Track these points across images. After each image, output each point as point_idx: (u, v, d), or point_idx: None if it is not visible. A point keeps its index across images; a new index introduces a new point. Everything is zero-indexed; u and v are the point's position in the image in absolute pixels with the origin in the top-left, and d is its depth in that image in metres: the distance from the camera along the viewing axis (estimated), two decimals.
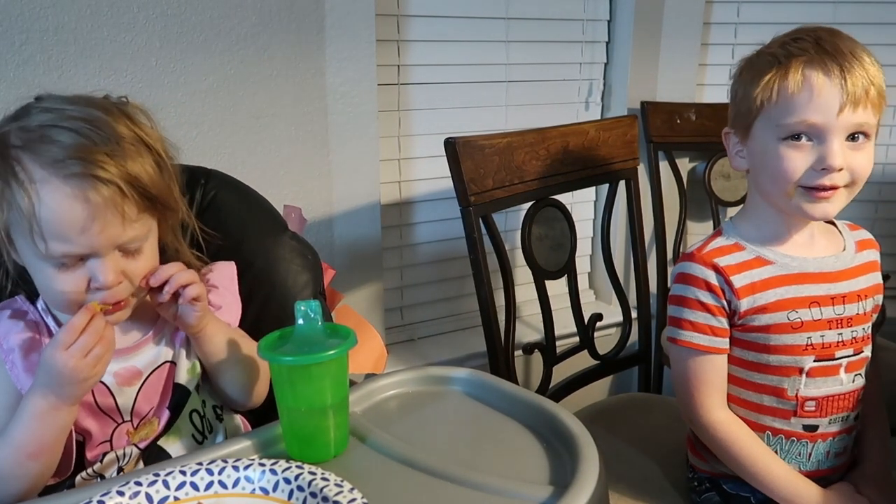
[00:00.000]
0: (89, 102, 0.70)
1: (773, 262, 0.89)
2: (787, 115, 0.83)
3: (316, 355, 0.65)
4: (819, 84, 0.81)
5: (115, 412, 0.75)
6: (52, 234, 0.65)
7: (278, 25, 1.22)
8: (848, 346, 0.89)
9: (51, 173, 0.65)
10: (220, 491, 0.60)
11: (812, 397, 0.89)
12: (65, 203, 0.65)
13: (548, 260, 1.24)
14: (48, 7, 1.06)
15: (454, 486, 0.63)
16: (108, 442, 0.75)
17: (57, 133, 0.66)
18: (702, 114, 1.60)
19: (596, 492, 0.60)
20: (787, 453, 0.92)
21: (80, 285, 0.69)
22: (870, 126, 0.83)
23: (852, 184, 0.84)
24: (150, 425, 0.77)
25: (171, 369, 0.79)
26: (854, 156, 0.83)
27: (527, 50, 1.53)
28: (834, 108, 0.81)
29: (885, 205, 1.73)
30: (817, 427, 0.91)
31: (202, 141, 1.21)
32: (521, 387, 0.79)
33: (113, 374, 0.74)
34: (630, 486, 1.03)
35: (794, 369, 0.89)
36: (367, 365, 1.04)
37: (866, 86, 0.81)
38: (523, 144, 1.18)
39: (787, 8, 1.63)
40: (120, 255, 0.70)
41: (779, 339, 0.88)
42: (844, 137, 0.82)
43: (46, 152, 0.65)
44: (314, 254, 0.99)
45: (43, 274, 0.69)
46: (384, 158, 1.42)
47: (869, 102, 0.81)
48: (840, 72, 0.81)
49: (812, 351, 0.88)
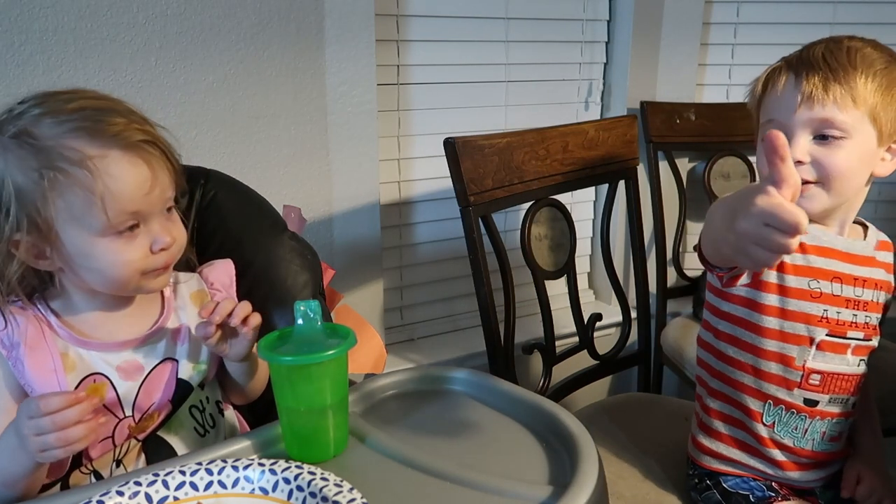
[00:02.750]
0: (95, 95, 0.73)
1: (807, 233, 0.91)
2: (764, 114, 0.91)
3: (315, 355, 0.65)
4: (780, 84, 0.88)
5: (116, 407, 0.76)
6: (118, 202, 0.68)
7: (278, 25, 1.22)
8: (860, 328, 0.92)
9: (107, 146, 0.68)
10: (219, 491, 0.60)
11: (818, 370, 0.91)
12: (132, 170, 0.69)
13: (547, 260, 1.25)
14: (48, 7, 1.06)
15: (454, 486, 0.63)
16: (109, 438, 0.76)
17: (97, 113, 0.69)
18: (701, 114, 1.60)
19: (595, 491, 0.60)
20: (785, 425, 0.93)
21: (144, 251, 0.72)
22: (839, 123, 0.84)
23: (827, 180, 0.86)
24: (151, 418, 0.78)
25: (173, 366, 0.79)
26: (824, 153, 0.85)
27: (526, 50, 1.53)
28: (791, 106, 0.86)
29: (884, 205, 1.74)
30: (817, 403, 0.92)
31: (202, 141, 1.21)
32: (521, 387, 0.79)
33: (115, 368, 0.75)
34: (629, 485, 1.03)
35: (805, 339, 0.90)
36: (366, 365, 1.04)
37: (827, 85, 0.84)
38: (523, 144, 1.18)
39: (786, 8, 1.63)
40: (165, 217, 0.74)
41: (797, 305, 0.90)
42: (810, 135, 0.86)
43: (99, 129, 0.68)
44: (314, 254, 0.99)
45: (103, 250, 0.70)
46: (384, 158, 1.42)
47: (829, 100, 0.84)
48: (804, 73, 0.86)
49: (826, 324, 0.90)
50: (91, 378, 0.74)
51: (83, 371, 0.74)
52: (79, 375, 0.73)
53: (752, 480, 0.96)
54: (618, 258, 1.66)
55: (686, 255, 1.71)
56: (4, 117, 0.70)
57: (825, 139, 0.85)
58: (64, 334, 0.74)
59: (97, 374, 0.74)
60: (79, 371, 0.74)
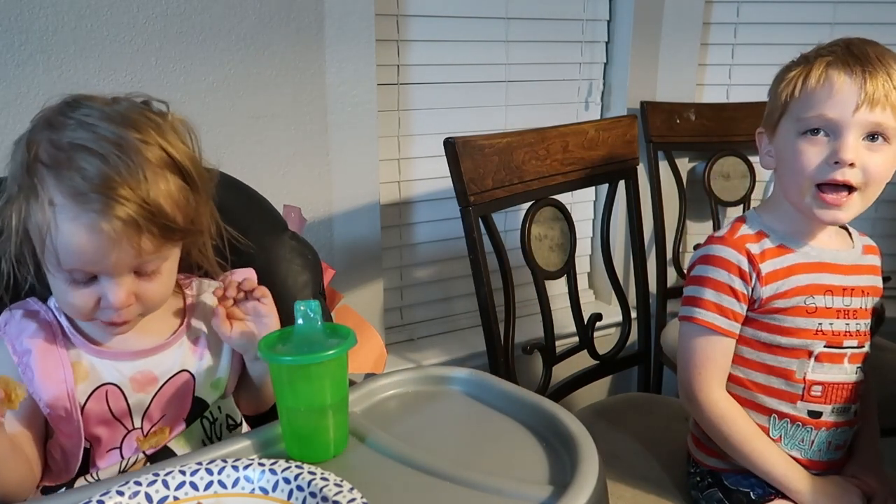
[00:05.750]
0: (124, 120, 0.67)
1: (795, 251, 0.92)
2: (807, 109, 0.86)
3: (315, 355, 0.65)
4: (839, 81, 0.84)
5: (126, 417, 0.74)
6: (67, 256, 0.65)
7: (278, 25, 1.22)
8: (853, 336, 0.93)
9: (70, 202, 0.64)
10: (219, 491, 0.60)
11: (819, 381, 0.91)
12: (80, 233, 0.64)
13: (547, 260, 1.25)
14: (48, 7, 1.06)
15: (454, 486, 0.63)
16: (117, 449, 0.75)
17: (83, 159, 0.64)
18: (701, 114, 1.60)
19: (595, 491, 0.60)
20: (791, 438, 0.93)
21: (90, 302, 0.68)
22: (889, 129, 0.84)
23: (866, 186, 0.85)
24: (162, 433, 0.76)
25: (188, 380, 0.77)
26: (870, 156, 0.85)
27: (526, 50, 1.53)
28: (851, 105, 0.83)
29: (884, 205, 1.74)
30: (821, 414, 0.92)
31: (202, 141, 1.19)
32: (521, 387, 0.79)
33: (129, 379, 0.73)
34: (629, 485, 1.03)
35: (804, 352, 0.91)
36: (366, 365, 1.04)
37: (887, 90, 0.83)
38: (523, 144, 1.18)
39: (786, 8, 1.63)
40: (134, 277, 0.69)
41: (793, 322, 0.91)
42: (861, 135, 0.84)
43: (70, 180, 0.63)
44: (314, 253, 0.99)
45: (55, 283, 0.69)
46: (384, 158, 1.42)
47: (889, 105, 0.83)
48: (861, 72, 0.83)
49: (822, 336, 0.91)
50: (103, 389, 0.72)
51: (95, 381, 0.72)
52: (91, 385, 0.72)
53: (752, 477, 0.95)
54: (618, 258, 1.66)
55: (686, 256, 1.71)
56: (52, 109, 0.68)
57: (873, 140, 0.85)
58: (77, 341, 0.73)
59: (110, 384, 0.73)
60: (91, 381, 0.72)
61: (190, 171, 0.69)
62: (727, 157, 1.64)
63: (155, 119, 0.69)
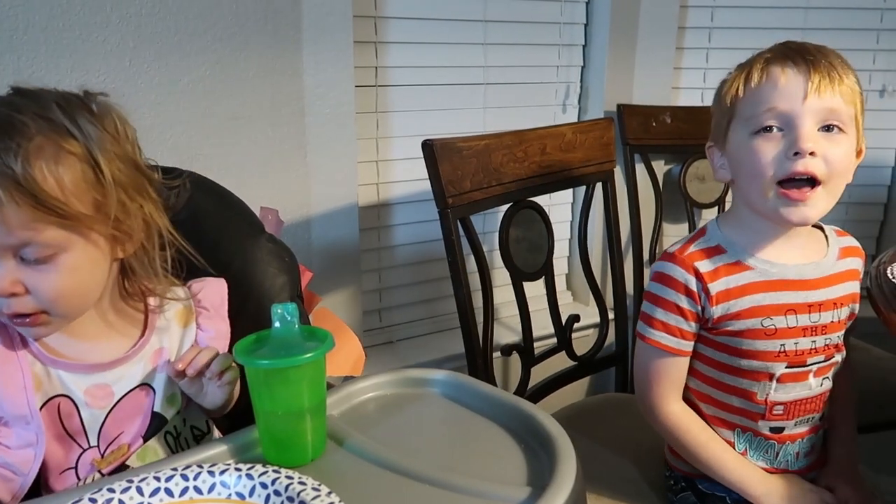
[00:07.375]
0: (32, 97, 0.65)
1: (753, 268, 0.89)
2: (755, 106, 0.84)
3: (293, 358, 0.65)
4: (783, 74, 0.82)
5: (80, 435, 0.71)
6: None
7: (255, 26, 1.21)
8: (820, 353, 0.90)
9: None
10: (195, 496, 0.59)
11: (781, 402, 0.90)
12: None
13: (525, 262, 1.25)
14: (18, 5, 1.04)
15: (432, 489, 0.63)
16: (72, 469, 0.72)
17: None
18: (677, 117, 1.62)
19: (573, 492, 0.60)
20: (757, 450, 0.93)
21: None
22: (843, 116, 0.82)
23: (829, 179, 0.82)
24: (119, 451, 0.74)
25: (148, 395, 0.74)
26: (829, 147, 0.81)
27: (504, 52, 1.54)
28: (800, 94, 0.81)
29: (854, 207, 1.77)
30: (783, 429, 0.92)
31: (177, 142, 1.19)
32: (500, 388, 0.79)
33: (84, 392, 0.71)
34: (607, 486, 1.04)
35: (764, 374, 0.89)
36: (344, 367, 1.03)
37: (833, 76, 0.81)
38: (501, 147, 1.18)
39: (759, 13, 1.66)
40: (18, 262, 0.64)
41: (751, 345, 0.88)
42: (816, 125, 0.82)
43: None
44: (291, 256, 0.98)
45: None
46: (362, 160, 1.42)
47: (838, 92, 0.81)
48: (804, 61, 0.82)
49: (784, 358, 0.89)
50: (55, 401, 0.69)
51: (49, 391, 0.70)
52: (45, 395, 0.69)
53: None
54: (595, 259, 1.67)
55: None
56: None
57: (829, 130, 0.82)
58: (34, 349, 0.70)
59: (63, 395, 0.70)
60: (45, 391, 0.69)
61: (98, 158, 0.65)
62: (702, 159, 1.65)
63: (80, 102, 0.67)
